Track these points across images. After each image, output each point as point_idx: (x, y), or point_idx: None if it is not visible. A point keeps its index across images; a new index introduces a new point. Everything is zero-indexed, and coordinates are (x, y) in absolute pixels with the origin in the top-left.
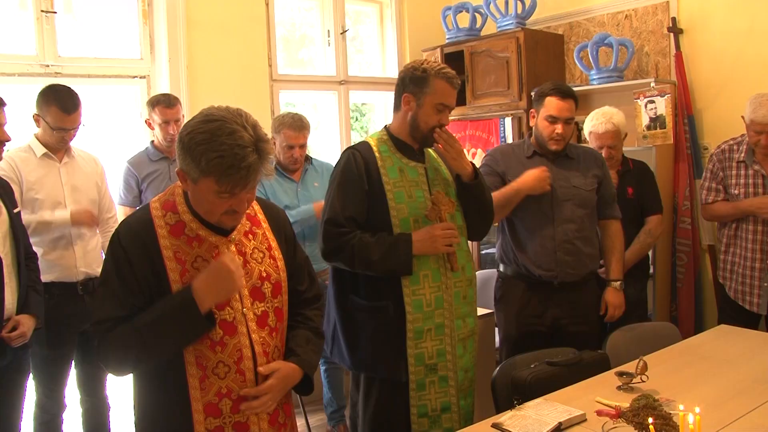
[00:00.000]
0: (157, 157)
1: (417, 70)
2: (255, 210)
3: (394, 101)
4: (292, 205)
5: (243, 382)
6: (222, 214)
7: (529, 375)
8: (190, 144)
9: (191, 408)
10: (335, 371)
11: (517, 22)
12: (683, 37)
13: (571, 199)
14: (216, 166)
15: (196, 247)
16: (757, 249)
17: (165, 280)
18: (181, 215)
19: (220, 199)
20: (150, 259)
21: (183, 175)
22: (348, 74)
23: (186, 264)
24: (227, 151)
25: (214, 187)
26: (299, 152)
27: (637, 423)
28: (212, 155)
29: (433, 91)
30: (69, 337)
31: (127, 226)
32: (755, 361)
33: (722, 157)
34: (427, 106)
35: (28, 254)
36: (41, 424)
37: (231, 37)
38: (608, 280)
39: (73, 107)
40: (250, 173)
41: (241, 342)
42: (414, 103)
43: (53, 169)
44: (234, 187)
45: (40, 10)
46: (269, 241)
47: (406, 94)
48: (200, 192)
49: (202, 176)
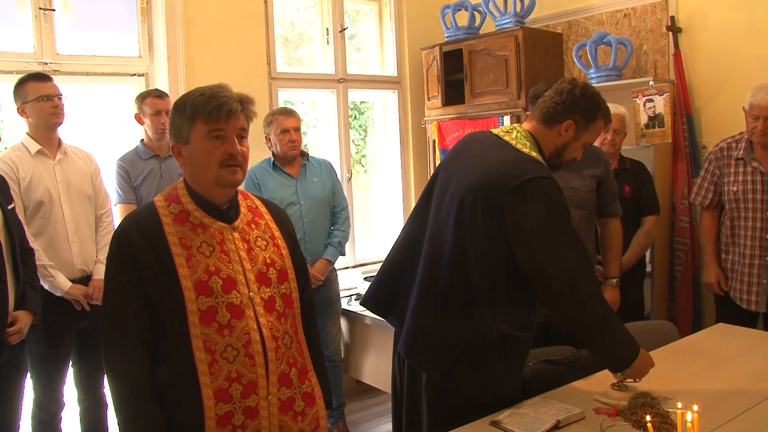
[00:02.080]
0: (148, 156)
1: (592, 104)
2: (256, 204)
3: (546, 113)
4: (292, 201)
5: (252, 366)
6: (219, 167)
7: (527, 373)
8: (176, 105)
9: (201, 394)
10: (335, 369)
11: (515, 20)
12: (682, 36)
13: (569, 201)
14: (200, 103)
15: (201, 233)
16: (756, 246)
17: (171, 267)
18: (184, 205)
19: (212, 142)
20: (155, 247)
21: (177, 148)
22: (347, 72)
23: (192, 249)
24: (207, 90)
25: (204, 128)
26: (295, 135)
27: (635, 421)
28: (195, 96)
29: (594, 129)
30: (67, 336)
31: (132, 219)
32: (753, 359)
33: (720, 155)
34: (581, 141)
35: (24, 250)
36: (40, 423)
37: (229, 35)
38: (605, 277)
39: (46, 77)
40: (233, 102)
41: (248, 325)
42: (573, 132)
43: (48, 166)
44: (219, 118)
45: (38, 8)
46: (272, 230)
47: (570, 121)
48: (193, 148)
49: (191, 125)
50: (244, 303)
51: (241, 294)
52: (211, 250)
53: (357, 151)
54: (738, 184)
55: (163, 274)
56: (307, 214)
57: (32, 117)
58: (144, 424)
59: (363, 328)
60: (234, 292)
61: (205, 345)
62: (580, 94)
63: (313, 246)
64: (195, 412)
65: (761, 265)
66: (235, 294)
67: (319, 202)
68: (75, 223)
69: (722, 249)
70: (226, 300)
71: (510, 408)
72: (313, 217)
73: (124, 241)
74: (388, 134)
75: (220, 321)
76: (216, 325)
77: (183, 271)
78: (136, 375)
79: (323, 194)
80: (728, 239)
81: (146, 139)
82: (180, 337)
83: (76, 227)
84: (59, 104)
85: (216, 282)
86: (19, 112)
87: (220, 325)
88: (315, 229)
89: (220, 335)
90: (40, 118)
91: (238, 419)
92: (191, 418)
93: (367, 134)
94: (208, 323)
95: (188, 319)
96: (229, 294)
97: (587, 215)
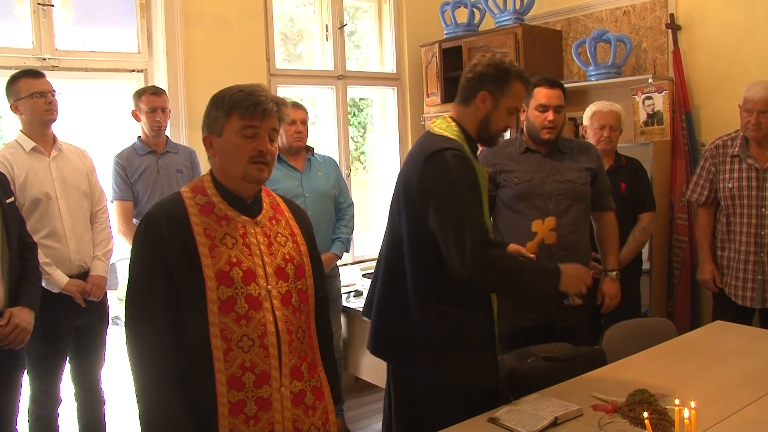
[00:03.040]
0: (145, 152)
1: (499, 70)
2: (278, 201)
3: (462, 93)
4: (297, 194)
5: (266, 357)
6: (248, 162)
7: (525, 370)
8: (214, 98)
9: (215, 379)
10: None
11: (515, 17)
12: (681, 34)
13: (565, 194)
14: (237, 99)
15: (225, 225)
16: (751, 242)
17: (195, 256)
18: (210, 197)
19: (245, 139)
20: (181, 235)
21: (208, 139)
22: (346, 69)
23: (215, 240)
24: (246, 88)
25: (238, 123)
26: (302, 127)
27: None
28: (234, 92)
29: (512, 94)
30: (64, 332)
31: (161, 207)
32: (751, 356)
33: (715, 152)
34: (502, 109)
35: (24, 244)
36: (36, 419)
37: (229, 31)
38: (605, 270)
39: (39, 73)
40: (269, 103)
41: (265, 317)
42: (490, 102)
43: (43, 163)
44: (255, 116)
45: (37, 3)
46: (292, 228)
47: (483, 92)
48: (225, 142)
49: (226, 118)
50: (263, 296)
51: (260, 287)
52: (233, 242)
53: (356, 148)
54: (733, 181)
55: (187, 262)
56: (312, 207)
57: (26, 114)
58: (165, 413)
59: (362, 325)
60: (253, 285)
61: (222, 333)
62: (485, 65)
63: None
64: (209, 399)
65: (756, 261)
66: (254, 286)
67: (324, 197)
68: (71, 220)
69: (718, 246)
70: (246, 291)
71: (508, 405)
72: (317, 211)
73: (153, 228)
74: (387, 131)
75: (239, 311)
76: (234, 314)
77: (206, 261)
78: (161, 361)
79: (328, 189)
80: (724, 236)
81: (143, 135)
82: (199, 324)
83: (73, 224)
84: (53, 100)
85: (237, 273)
86: (13, 110)
87: (238, 315)
88: (318, 223)
89: (237, 325)
90: (33, 115)
91: (251, 409)
92: (205, 405)
93: (366, 131)
94: (226, 312)
95: (207, 308)
96: (249, 286)
97: (584, 208)
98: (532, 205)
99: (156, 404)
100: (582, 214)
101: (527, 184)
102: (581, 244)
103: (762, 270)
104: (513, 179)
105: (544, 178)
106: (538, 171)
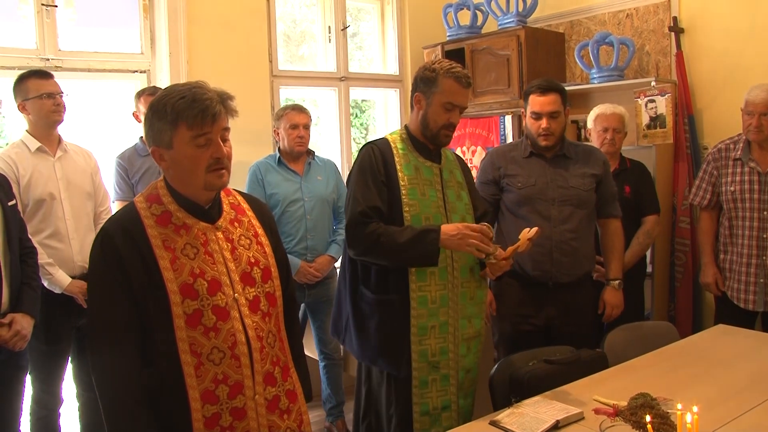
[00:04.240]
0: (146, 153)
1: (427, 70)
2: (239, 200)
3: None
4: (296, 198)
5: (238, 367)
6: (207, 172)
7: (527, 373)
8: (153, 107)
9: (188, 395)
10: (333, 367)
11: (518, 20)
12: (684, 37)
13: (568, 200)
14: (181, 108)
15: (184, 234)
16: (753, 246)
17: (156, 270)
18: (166, 206)
19: (198, 149)
20: (139, 250)
21: (157, 152)
22: (348, 71)
23: (176, 251)
24: (187, 92)
25: (188, 134)
26: (304, 132)
27: (635, 422)
28: (175, 99)
29: (441, 90)
30: (66, 333)
31: (115, 221)
32: (753, 360)
33: (718, 156)
34: (436, 105)
35: (25, 249)
36: (38, 419)
37: (232, 32)
38: (607, 279)
39: (48, 74)
40: (215, 105)
41: (234, 327)
42: (424, 102)
43: (47, 163)
44: (204, 123)
45: (41, 4)
46: (255, 228)
47: (417, 94)
48: (178, 154)
49: (173, 130)
50: (229, 304)
51: (226, 296)
52: (195, 252)
53: (358, 150)
54: (735, 185)
55: (148, 278)
56: (310, 212)
57: (33, 114)
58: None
59: None
60: (219, 294)
61: (191, 348)
62: (419, 70)
63: (314, 243)
64: (182, 415)
65: (758, 265)
66: (220, 296)
67: (323, 201)
68: (75, 220)
69: (720, 249)
70: (212, 302)
71: (510, 407)
72: (316, 215)
73: (109, 246)
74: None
75: (206, 324)
76: (202, 328)
77: (168, 275)
78: (128, 382)
79: (327, 193)
80: (726, 239)
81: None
82: (166, 340)
83: (76, 224)
84: (61, 102)
85: (201, 285)
86: (20, 109)
87: (206, 327)
88: (317, 227)
89: (206, 338)
90: (41, 116)
91: (225, 420)
92: (178, 420)
93: (368, 132)
94: (194, 326)
95: (174, 323)
96: (215, 296)
97: (588, 214)
98: (534, 210)
99: (123, 427)
100: (585, 221)
101: (530, 189)
102: (584, 250)
103: (765, 273)
104: (516, 184)
105: (548, 183)
106: (541, 176)
